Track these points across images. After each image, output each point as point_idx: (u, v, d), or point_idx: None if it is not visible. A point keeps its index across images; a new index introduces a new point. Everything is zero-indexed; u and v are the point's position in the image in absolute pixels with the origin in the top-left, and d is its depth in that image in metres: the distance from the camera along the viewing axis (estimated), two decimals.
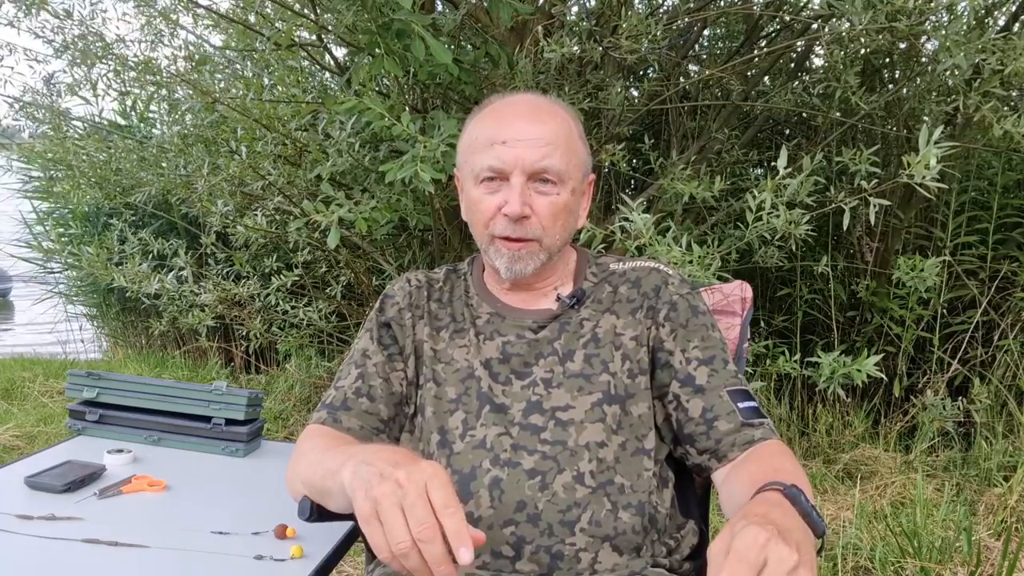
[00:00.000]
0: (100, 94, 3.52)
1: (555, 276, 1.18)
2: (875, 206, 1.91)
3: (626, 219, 2.01)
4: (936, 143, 1.77)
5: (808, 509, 0.78)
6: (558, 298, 1.15)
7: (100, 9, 3.01)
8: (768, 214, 1.99)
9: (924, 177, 1.80)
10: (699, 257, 2.01)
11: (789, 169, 1.95)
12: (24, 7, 2.77)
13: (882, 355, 2.72)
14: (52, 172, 4.59)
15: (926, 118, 2.72)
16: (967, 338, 3.10)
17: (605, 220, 2.48)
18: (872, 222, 1.92)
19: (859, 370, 2.05)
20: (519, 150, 1.06)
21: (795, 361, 2.38)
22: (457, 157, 1.19)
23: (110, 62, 2.94)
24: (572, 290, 1.16)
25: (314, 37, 2.83)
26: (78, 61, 2.93)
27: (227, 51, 3.26)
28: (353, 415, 1.10)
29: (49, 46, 2.94)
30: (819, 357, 2.16)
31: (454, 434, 1.08)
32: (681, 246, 2.00)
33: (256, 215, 2.94)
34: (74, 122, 3.63)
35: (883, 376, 2.16)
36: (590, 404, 1.07)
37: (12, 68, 3.01)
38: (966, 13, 2.25)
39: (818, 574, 2.09)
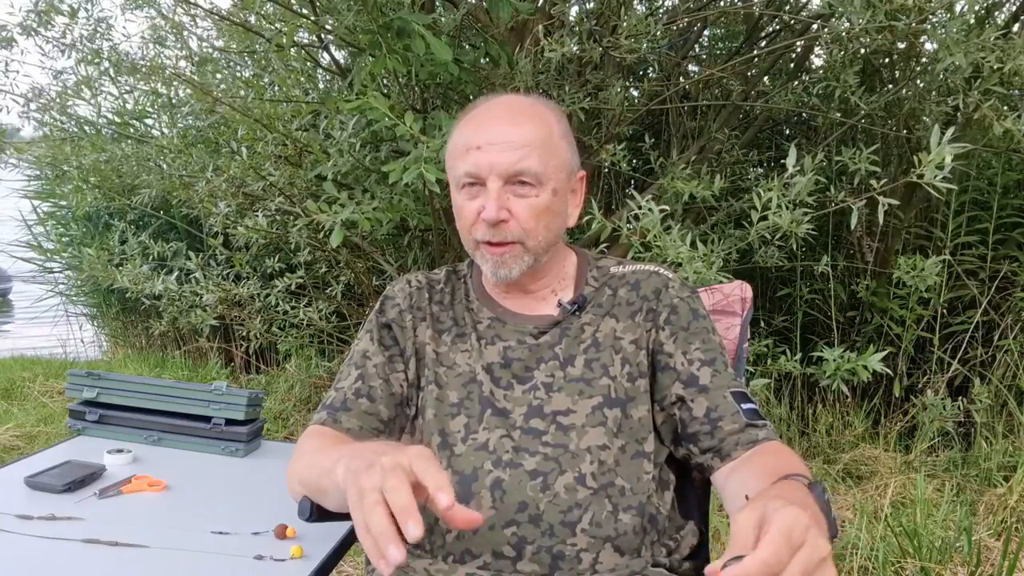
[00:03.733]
0: (102, 93, 3.52)
1: (550, 277, 1.17)
2: (884, 205, 1.90)
3: (635, 215, 2.02)
4: (948, 143, 1.76)
5: (828, 510, 0.79)
6: (559, 304, 1.15)
7: (107, 14, 3.02)
8: (774, 213, 1.99)
9: (935, 177, 1.79)
10: (704, 255, 2.01)
11: (798, 167, 1.95)
12: (37, 16, 2.77)
13: (884, 354, 2.72)
14: (53, 171, 4.59)
15: (926, 118, 2.72)
16: (967, 338, 3.10)
17: (607, 220, 2.47)
18: (880, 221, 1.92)
19: (865, 366, 2.05)
20: (493, 155, 1.05)
21: (796, 360, 2.38)
22: (445, 165, 1.19)
23: (113, 62, 2.94)
24: (574, 296, 1.16)
25: (314, 38, 2.83)
26: (87, 60, 2.93)
27: (228, 52, 3.26)
28: (353, 415, 1.10)
29: (57, 46, 2.94)
30: (825, 350, 2.16)
31: (455, 437, 1.07)
32: (686, 243, 2.00)
33: (257, 216, 2.94)
34: (77, 121, 3.63)
35: (889, 371, 2.16)
36: (591, 408, 1.07)
37: (18, 71, 2.99)
38: (965, 12, 2.25)
39: None
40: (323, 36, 2.73)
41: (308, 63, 3.10)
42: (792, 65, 3.21)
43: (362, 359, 1.15)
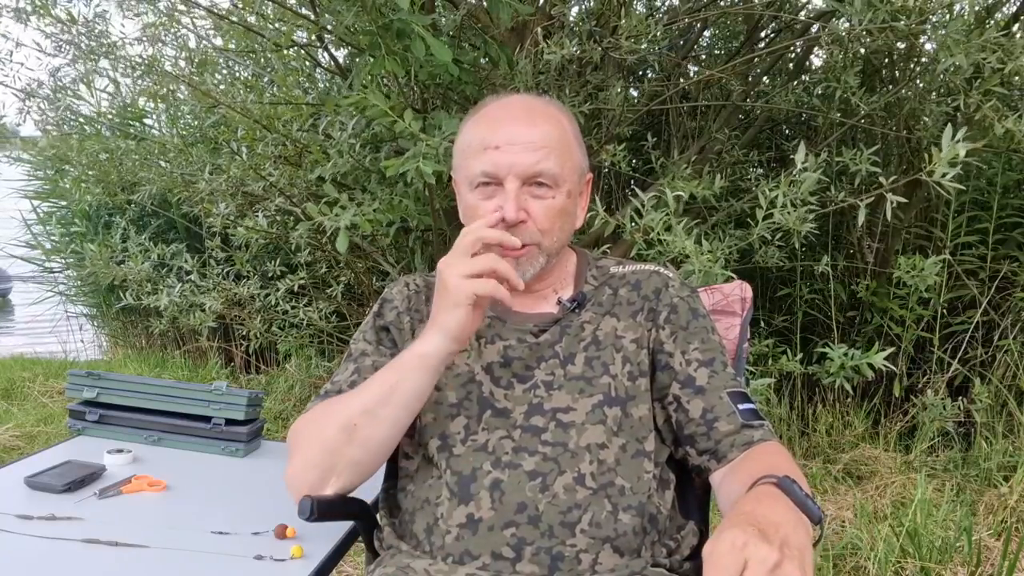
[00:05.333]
0: (101, 91, 3.52)
1: (552, 278, 1.17)
2: (892, 203, 1.90)
3: (637, 212, 2.01)
4: (959, 142, 1.76)
5: (802, 498, 0.79)
6: (559, 302, 1.15)
7: (104, 11, 3.00)
8: (780, 211, 1.99)
9: (945, 176, 1.78)
10: (710, 251, 2.01)
11: (805, 165, 1.95)
12: (31, 5, 2.76)
13: (886, 353, 2.73)
14: (54, 169, 4.59)
15: (926, 118, 2.72)
16: (967, 338, 3.10)
17: (610, 217, 2.48)
18: (889, 218, 1.92)
19: (869, 364, 2.05)
20: (512, 155, 1.05)
21: (796, 360, 2.38)
22: (453, 161, 1.18)
23: (113, 61, 2.94)
24: (573, 294, 1.16)
25: (313, 38, 2.83)
26: (82, 57, 2.93)
27: (227, 52, 3.26)
28: None
29: (52, 40, 2.93)
30: (830, 347, 2.16)
31: (455, 438, 1.07)
32: (691, 238, 2.00)
33: (257, 216, 2.94)
34: (78, 119, 3.63)
35: (893, 368, 2.16)
36: (591, 406, 1.06)
37: (22, 64, 2.98)
38: (965, 12, 2.25)
39: (819, 575, 2.09)
40: (323, 36, 2.73)
41: (307, 63, 3.10)
42: (792, 65, 3.21)
43: (360, 356, 1.15)
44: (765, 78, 3.24)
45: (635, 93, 3.18)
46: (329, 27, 2.54)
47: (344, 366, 1.16)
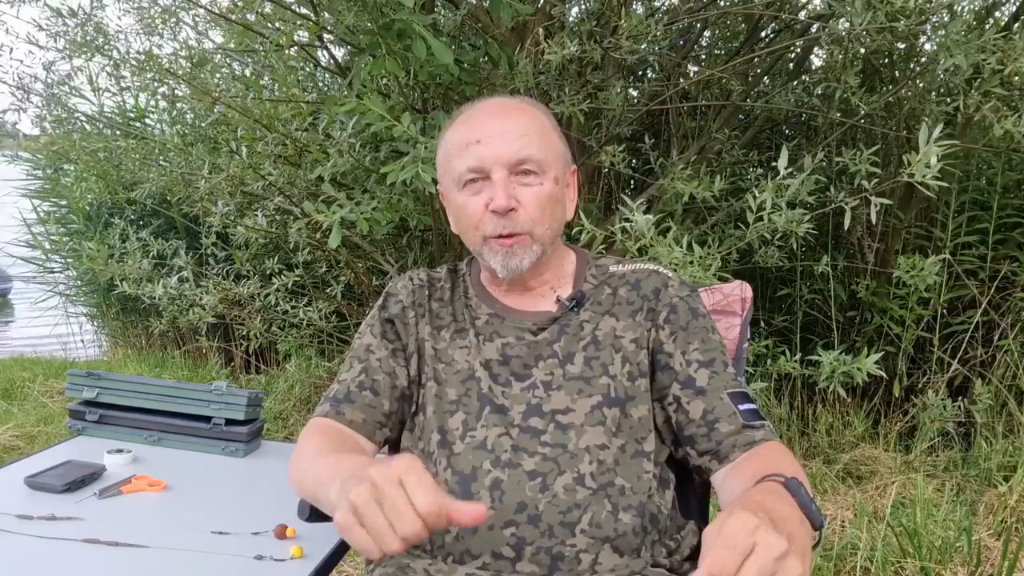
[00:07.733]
0: (99, 89, 3.51)
1: (551, 274, 1.17)
2: (876, 205, 1.91)
3: (627, 220, 2.01)
4: (936, 141, 1.77)
5: (807, 501, 0.79)
6: (558, 300, 1.15)
7: (101, 4, 2.99)
8: (770, 213, 1.99)
9: (925, 176, 1.79)
10: (700, 258, 2.01)
11: (790, 170, 1.95)
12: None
13: (882, 354, 2.73)
14: (54, 168, 4.59)
15: (926, 118, 2.72)
16: (967, 338, 3.10)
17: (606, 220, 2.47)
18: (873, 221, 1.93)
19: (859, 368, 2.05)
20: (495, 146, 1.06)
21: (795, 361, 2.38)
22: (438, 172, 1.18)
23: (110, 55, 2.93)
24: (572, 292, 1.16)
25: (313, 37, 2.83)
26: (78, 53, 2.92)
27: (227, 50, 3.26)
28: (357, 408, 1.10)
29: (46, 33, 2.92)
30: (821, 353, 2.16)
31: (454, 434, 1.08)
32: (682, 247, 2.00)
33: (256, 215, 2.94)
34: (78, 116, 3.63)
35: (883, 374, 2.16)
36: (590, 407, 1.06)
37: (21, 61, 2.97)
38: (966, 13, 2.25)
39: (819, 574, 2.08)
40: (323, 36, 2.73)
41: (307, 61, 3.10)
42: (792, 65, 3.21)
43: (365, 352, 1.15)
44: (765, 78, 3.24)
45: (635, 93, 3.18)
46: (329, 26, 2.54)
47: (349, 363, 1.16)
